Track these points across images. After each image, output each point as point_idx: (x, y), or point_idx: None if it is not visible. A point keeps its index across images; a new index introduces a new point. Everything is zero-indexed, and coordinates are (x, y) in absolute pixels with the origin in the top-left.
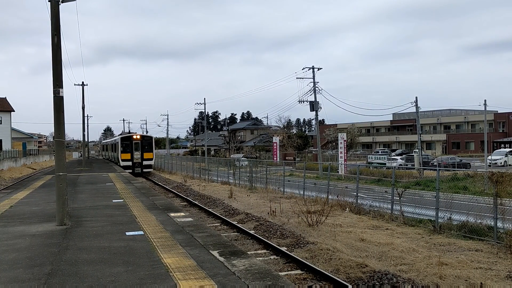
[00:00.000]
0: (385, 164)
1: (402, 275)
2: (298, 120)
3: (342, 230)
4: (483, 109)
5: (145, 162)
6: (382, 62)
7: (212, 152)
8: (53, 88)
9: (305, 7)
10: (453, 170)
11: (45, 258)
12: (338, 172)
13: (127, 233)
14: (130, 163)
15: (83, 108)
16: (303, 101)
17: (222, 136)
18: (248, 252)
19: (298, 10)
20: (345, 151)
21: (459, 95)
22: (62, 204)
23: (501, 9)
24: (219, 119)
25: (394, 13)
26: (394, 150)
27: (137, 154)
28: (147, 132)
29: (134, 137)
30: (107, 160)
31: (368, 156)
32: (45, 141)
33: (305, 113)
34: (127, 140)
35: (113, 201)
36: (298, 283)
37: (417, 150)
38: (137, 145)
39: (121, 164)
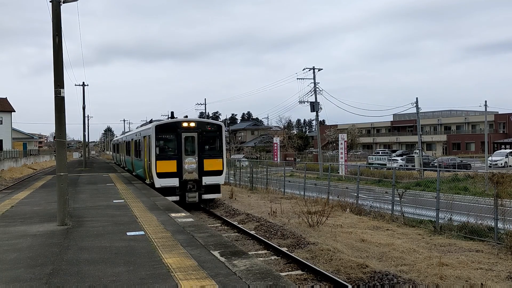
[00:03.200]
0: (385, 164)
1: (403, 276)
2: (298, 120)
3: (342, 231)
4: (484, 110)
5: (207, 180)
6: (383, 62)
7: None
8: (54, 88)
9: (305, 8)
10: (454, 171)
11: (47, 258)
12: (338, 172)
13: (128, 233)
14: (175, 182)
15: (83, 108)
16: (304, 102)
17: None
18: (249, 253)
19: (298, 11)
20: (346, 152)
21: (459, 95)
22: (63, 204)
23: (502, 9)
24: (219, 120)
25: (395, 13)
26: (394, 151)
27: (190, 163)
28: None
29: (185, 124)
30: (119, 166)
31: (369, 156)
32: (45, 141)
33: (306, 114)
34: (168, 132)
35: (114, 201)
36: (299, 284)
37: (418, 150)
38: (191, 141)
39: (158, 184)
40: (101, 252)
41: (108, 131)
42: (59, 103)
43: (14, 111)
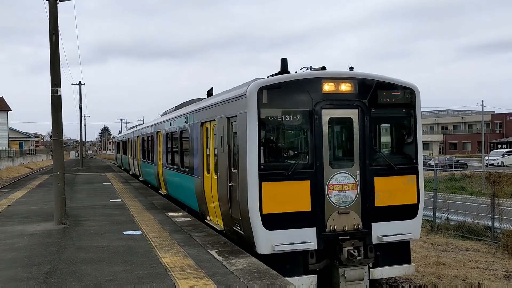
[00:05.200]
0: None
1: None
2: None
3: None
4: (480, 109)
5: (382, 230)
6: (380, 62)
7: None
8: (51, 87)
9: (303, 8)
10: (450, 171)
11: (44, 257)
12: None
13: (125, 233)
14: (308, 240)
15: (80, 107)
16: None
17: None
18: (247, 252)
19: (296, 11)
20: None
21: (456, 95)
22: (60, 203)
23: (498, 9)
24: None
25: (392, 13)
26: None
27: (343, 187)
28: None
29: (328, 86)
30: (128, 172)
31: None
32: (42, 140)
33: None
34: (289, 105)
35: (111, 200)
36: None
37: None
38: (342, 131)
39: (265, 246)
40: (98, 252)
41: (105, 130)
42: (56, 102)
43: (11, 110)
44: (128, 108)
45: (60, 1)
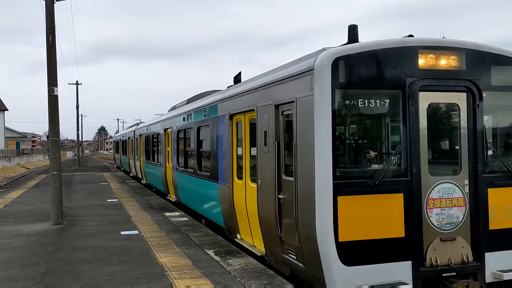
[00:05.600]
0: None
1: None
2: None
3: None
4: None
5: (498, 263)
6: None
7: None
8: (48, 87)
9: (301, 7)
10: None
11: (41, 257)
12: None
13: (122, 233)
14: (404, 280)
15: (77, 107)
16: None
17: None
18: (244, 252)
19: (294, 10)
20: None
21: None
22: (57, 203)
23: (492, 10)
24: None
25: (389, 13)
26: None
27: (447, 203)
28: None
29: (425, 60)
30: (128, 174)
31: None
32: (39, 140)
33: None
34: (374, 84)
35: (108, 200)
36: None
37: None
38: (444, 122)
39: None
40: (95, 252)
41: (102, 130)
42: (53, 101)
43: (7, 110)
44: (125, 108)
45: (57, 1)
